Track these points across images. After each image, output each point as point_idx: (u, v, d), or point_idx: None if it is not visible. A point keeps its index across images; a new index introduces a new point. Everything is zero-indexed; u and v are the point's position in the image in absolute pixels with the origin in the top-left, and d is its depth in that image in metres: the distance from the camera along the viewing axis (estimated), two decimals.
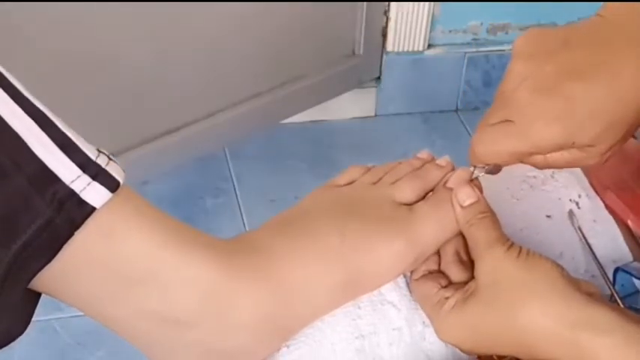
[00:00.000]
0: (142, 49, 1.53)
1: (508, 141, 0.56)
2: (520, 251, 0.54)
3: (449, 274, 0.58)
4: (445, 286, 0.57)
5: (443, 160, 0.62)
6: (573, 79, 0.54)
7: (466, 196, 0.58)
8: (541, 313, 0.51)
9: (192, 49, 1.59)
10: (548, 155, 0.57)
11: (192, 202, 1.73)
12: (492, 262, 0.54)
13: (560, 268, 0.53)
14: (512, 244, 0.55)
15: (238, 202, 1.74)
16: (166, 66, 1.58)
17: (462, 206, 0.58)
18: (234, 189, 1.77)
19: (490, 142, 0.57)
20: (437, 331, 0.56)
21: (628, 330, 0.49)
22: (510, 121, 0.56)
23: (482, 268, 0.55)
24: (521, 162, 0.58)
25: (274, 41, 1.70)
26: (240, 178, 1.80)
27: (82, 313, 0.53)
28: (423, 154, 0.63)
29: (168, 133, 1.64)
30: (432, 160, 0.62)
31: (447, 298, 0.56)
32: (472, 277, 0.57)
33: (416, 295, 0.58)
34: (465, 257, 0.59)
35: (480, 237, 0.56)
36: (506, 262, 0.54)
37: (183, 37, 1.57)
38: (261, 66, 1.71)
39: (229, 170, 1.82)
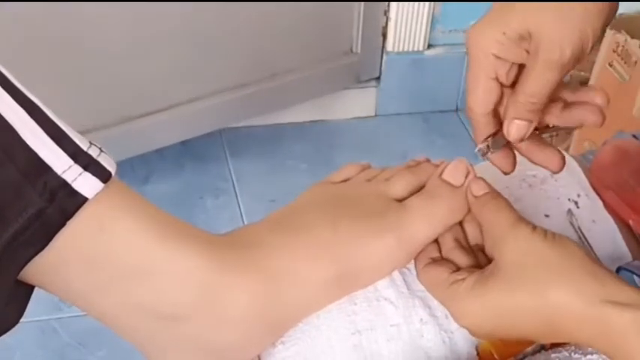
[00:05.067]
0: (127, 27, 1.52)
1: None
2: (546, 232, 0.54)
3: (454, 259, 0.58)
4: (455, 270, 0.56)
5: (439, 161, 0.62)
6: None
7: (479, 187, 0.58)
8: (572, 290, 0.50)
9: (182, 32, 1.59)
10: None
11: (192, 202, 1.73)
12: (518, 242, 0.54)
13: (585, 249, 0.53)
14: (536, 226, 0.55)
15: (238, 202, 1.74)
16: (150, 48, 1.57)
17: (475, 196, 0.58)
18: (234, 189, 1.77)
19: None
20: (454, 315, 0.55)
21: None
22: None
23: (505, 248, 0.54)
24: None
25: (267, 32, 1.69)
26: (240, 178, 1.80)
27: (82, 313, 0.53)
28: (421, 158, 0.64)
29: (146, 115, 1.62)
30: (428, 161, 0.63)
31: (461, 280, 0.55)
32: (478, 263, 0.57)
33: (425, 282, 0.58)
34: (465, 244, 0.59)
35: (498, 217, 0.56)
36: (534, 242, 0.53)
37: (175, 19, 1.57)
38: (250, 57, 1.70)
39: (229, 170, 1.81)
